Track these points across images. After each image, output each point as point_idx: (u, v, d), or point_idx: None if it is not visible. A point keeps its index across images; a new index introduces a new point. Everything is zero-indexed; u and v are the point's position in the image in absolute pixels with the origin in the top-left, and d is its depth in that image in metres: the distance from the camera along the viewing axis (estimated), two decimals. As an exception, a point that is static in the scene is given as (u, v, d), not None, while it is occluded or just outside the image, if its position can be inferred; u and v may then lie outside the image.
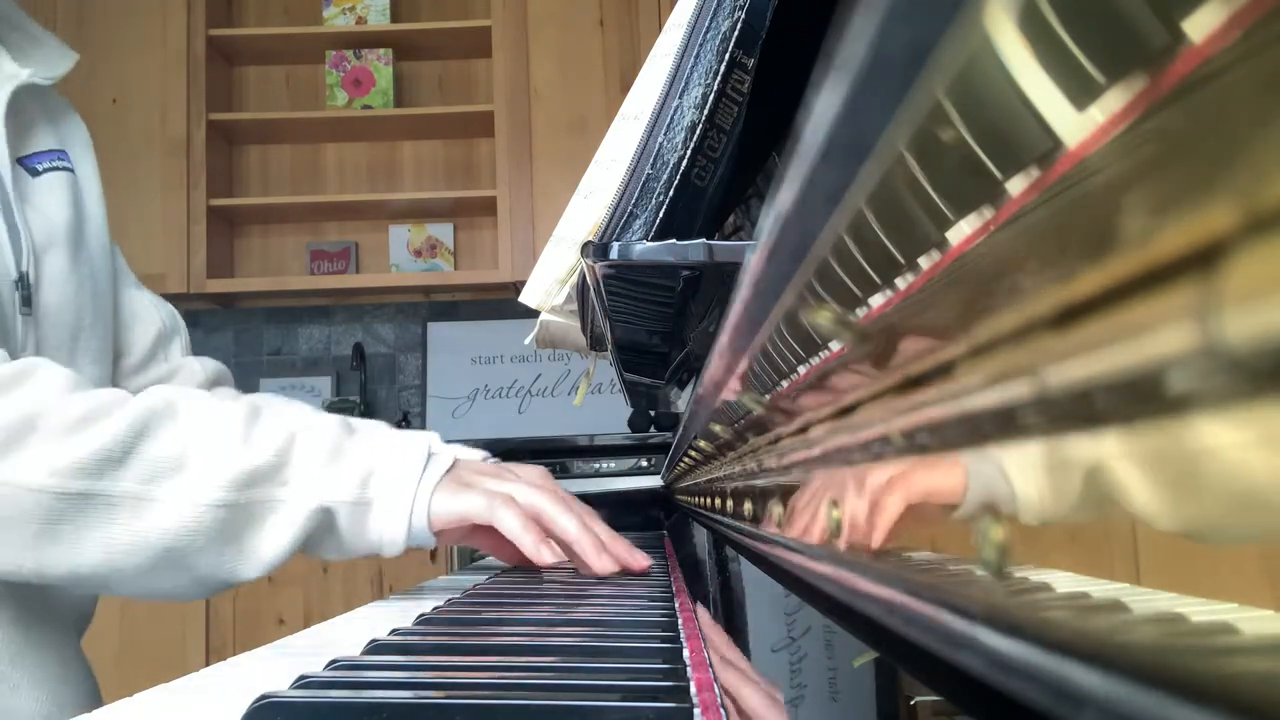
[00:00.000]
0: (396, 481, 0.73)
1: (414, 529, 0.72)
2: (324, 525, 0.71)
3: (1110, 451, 0.13)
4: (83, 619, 0.88)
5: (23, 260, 0.79)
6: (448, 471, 0.75)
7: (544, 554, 0.72)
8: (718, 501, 0.71)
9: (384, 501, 0.72)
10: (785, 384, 0.32)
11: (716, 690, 0.36)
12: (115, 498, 0.66)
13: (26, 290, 0.79)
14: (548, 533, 0.74)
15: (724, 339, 0.37)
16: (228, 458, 0.68)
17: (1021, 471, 0.16)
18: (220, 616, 2.43)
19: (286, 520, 0.70)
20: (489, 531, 0.75)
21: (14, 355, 0.76)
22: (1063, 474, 0.14)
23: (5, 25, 0.86)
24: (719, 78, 0.52)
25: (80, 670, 0.83)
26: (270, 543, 0.69)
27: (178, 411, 0.70)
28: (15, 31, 0.87)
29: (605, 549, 0.74)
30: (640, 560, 0.75)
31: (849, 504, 0.27)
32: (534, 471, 0.81)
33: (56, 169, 0.86)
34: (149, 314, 0.97)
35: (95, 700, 0.84)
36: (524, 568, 0.83)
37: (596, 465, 2.34)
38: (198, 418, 0.70)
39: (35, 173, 0.84)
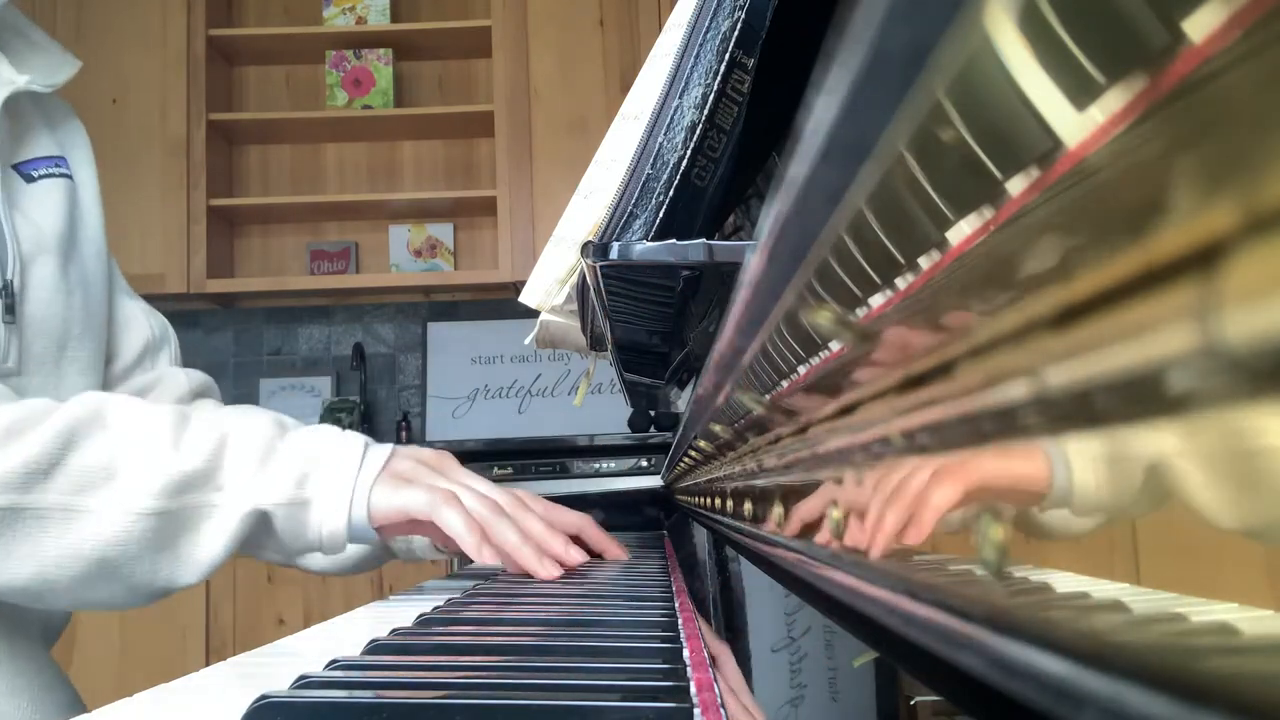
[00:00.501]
0: (334, 478, 0.72)
1: (354, 524, 0.72)
2: (260, 527, 0.71)
3: (1103, 450, 0.13)
4: (51, 631, 0.87)
5: (8, 268, 0.79)
6: (386, 463, 0.74)
7: (485, 554, 0.72)
8: (718, 501, 0.71)
9: (322, 499, 0.71)
10: (785, 384, 0.32)
11: (716, 690, 0.36)
12: (45, 510, 0.65)
13: (10, 299, 0.79)
14: (488, 540, 0.74)
15: (724, 339, 0.37)
16: (158, 465, 0.67)
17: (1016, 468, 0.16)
18: (220, 616, 2.43)
19: (221, 525, 0.69)
20: (428, 524, 0.74)
21: None
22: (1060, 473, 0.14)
23: (6, 31, 0.86)
24: (719, 78, 0.52)
25: (56, 678, 0.83)
26: (205, 548, 0.69)
27: (106, 419, 0.69)
28: (16, 37, 0.86)
29: (545, 553, 0.74)
30: (575, 556, 0.75)
31: (846, 506, 0.27)
32: (470, 472, 0.80)
33: (53, 175, 0.86)
34: (138, 322, 0.96)
35: (78, 706, 0.84)
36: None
37: (596, 465, 2.34)
38: (126, 425, 0.69)
39: (30, 179, 0.84)
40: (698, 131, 0.53)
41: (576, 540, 0.91)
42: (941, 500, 0.20)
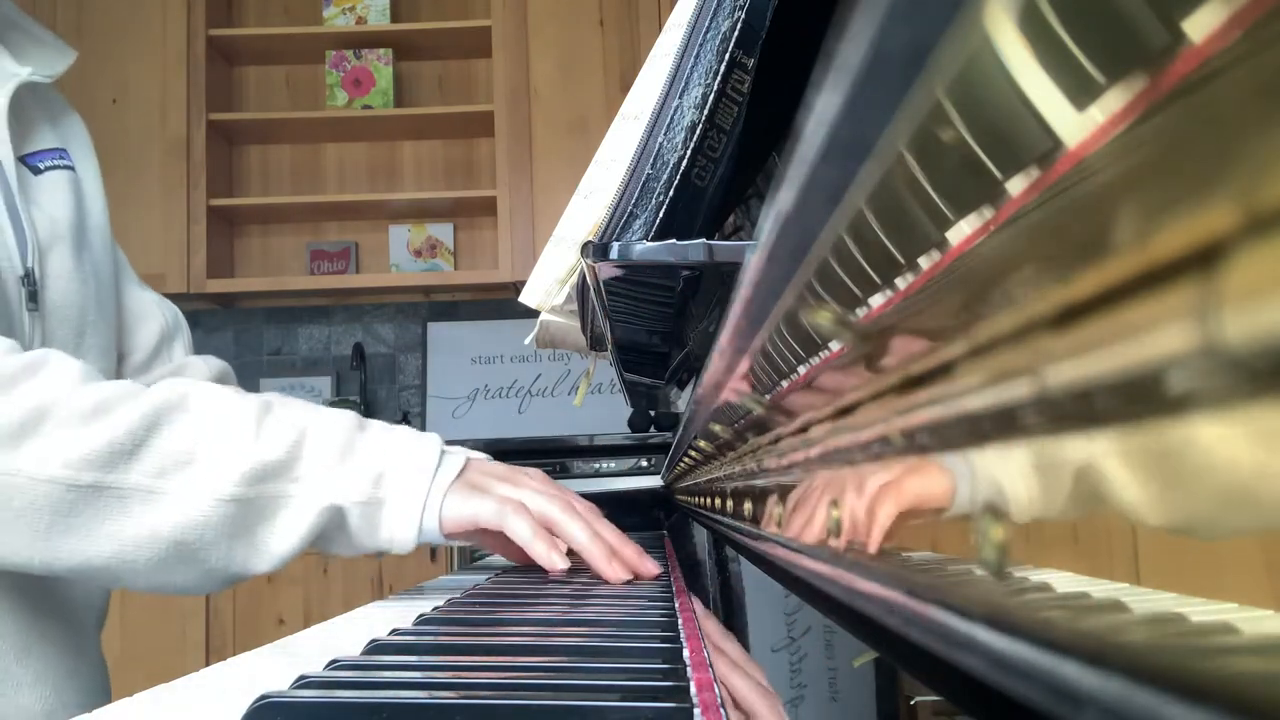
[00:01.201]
0: (410, 482, 0.73)
1: (425, 530, 0.73)
2: (334, 523, 0.71)
3: (1103, 449, 0.13)
4: (98, 614, 0.88)
5: (28, 257, 0.80)
6: (460, 473, 0.75)
7: (555, 561, 0.73)
8: (718, 501, 0.71)
9: (396, 502, 0.72)
10: (785, 384, 0.32)
11: (716, 690, 0.36)
12: (126, 490, 0.66)
13: (33, 287, 0.80)
14: (557, 547, 0.74)
15: (724, 339, 0.37)
16: (239, 452, 0.68)
17: (1013, 471, 0.16)
18: (220, 616, 2.43)
19: (297, 516, 0.70)
20: (496, 533, 0.75)
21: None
22: (1055, 473, 0.14)
23: (4, 24, 0.87)
24: (719, 78, 0.52)
25: (90, 665, 0.83)
26: (281, 538, 0.70)
27: (189, 405, 0.70)
28: (15, 31, 0.87)
29: (615, 556, 0.74)
30: (651, 567, 0.75)
31: (847, 506, 0.27)
32: (541, 476, 0.81)
33: (58, 167, 0.87)
34: (152, 312, 0.98)
35: (104, 696, 0.85)
36: (524, 568, 0.84)
37: (596, 465, 2.34)
38: (209, 411, 0.70)
39: (37, 171, 0.85)
40: (698, 131, 0.53)
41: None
42: (885, 512, 0.20)
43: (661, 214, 0.53)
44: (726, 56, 0.52)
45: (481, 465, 0.78)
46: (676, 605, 0.58)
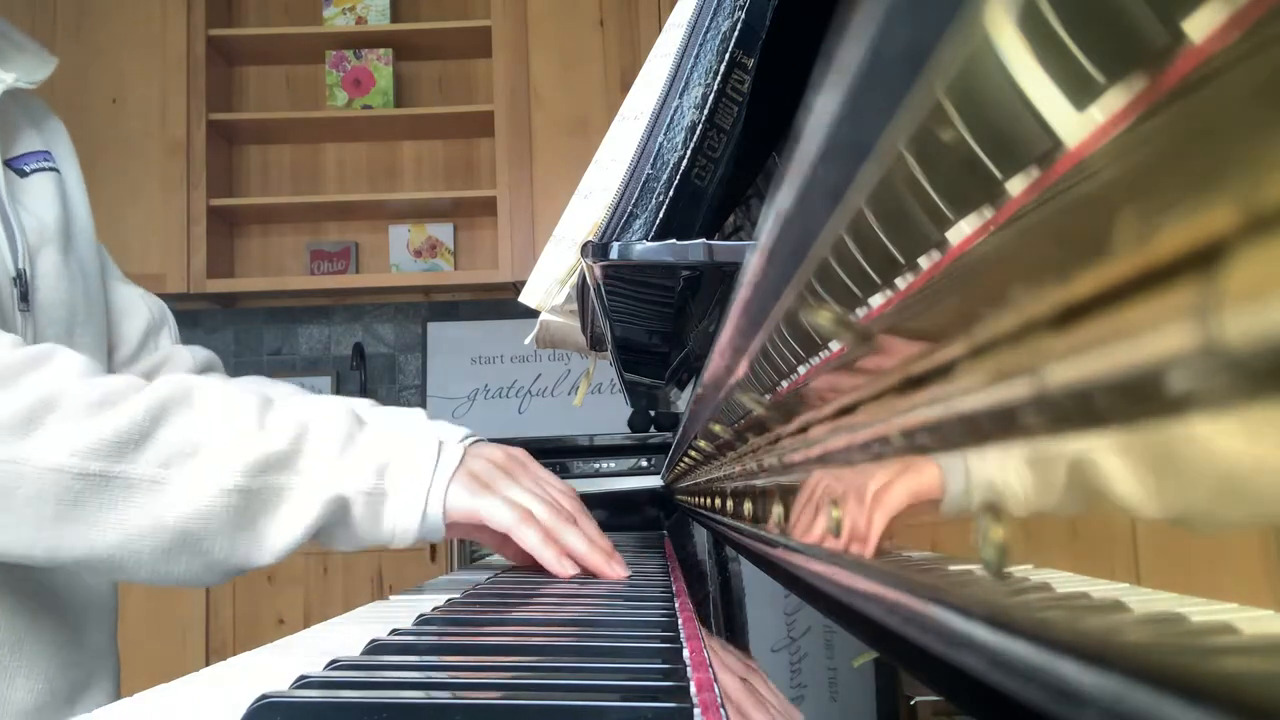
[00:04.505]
0: (412, 473, 0.74)
1: (428, 522, 0.73)
2: (338, 515, 0.72)
3: (1097, 447, 0.13)
4: (101, 609, 0.88)
5: (19, 258, 0.82)
6: (461, 461, 0.76)
7: (566, 567, 0.75)
8: (718, 501, 0.71)
9: (399, 493, 0.73)
10: (785, 384, 0.32)
11: (716, 690, 0.36)
12: (133, 480, 0.67)
13: (24, 287, 0.81)
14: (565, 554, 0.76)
15: (724, 339, 0.37)
16: (243, 443, 0.69)
17: (1012, 470, 0.16)
18: (220, 616, 2.43)
19: (300, 508, 0.70)
20: (497, 533, 0.76)
21: None
22: (1052, 470, 0.14)
23: None
24: (719, 78, 0.52)
25: (91, 658, 0.84)
26: (283, 530, 0.70)
27: (193, 398, 0.71)
28: None
29: (612, 557, 0.76)
30: (618, 570, 0.77)
31: (847, 505, 0.27)
32: (525, 458, 0.82)
33: (43, 170, 0.89)
34: (137, 307, 1.00)
35: (109, 688, 0.86)
36: (523, 568, 0.84)
37: (596, 465, 2.34)
38: (213, 404, 0.71)
39: (24, 173, 0.87)
40: (698, 131, 0.53)
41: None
42: (880, 514, 0.20)
43: (661, 214, 0.53)
44: (726, 56, 0.52)
45: (480, 451, 0.80)
46: (676, 605, 0.58)
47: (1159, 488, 0.12)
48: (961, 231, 0.16)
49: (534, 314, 0.72)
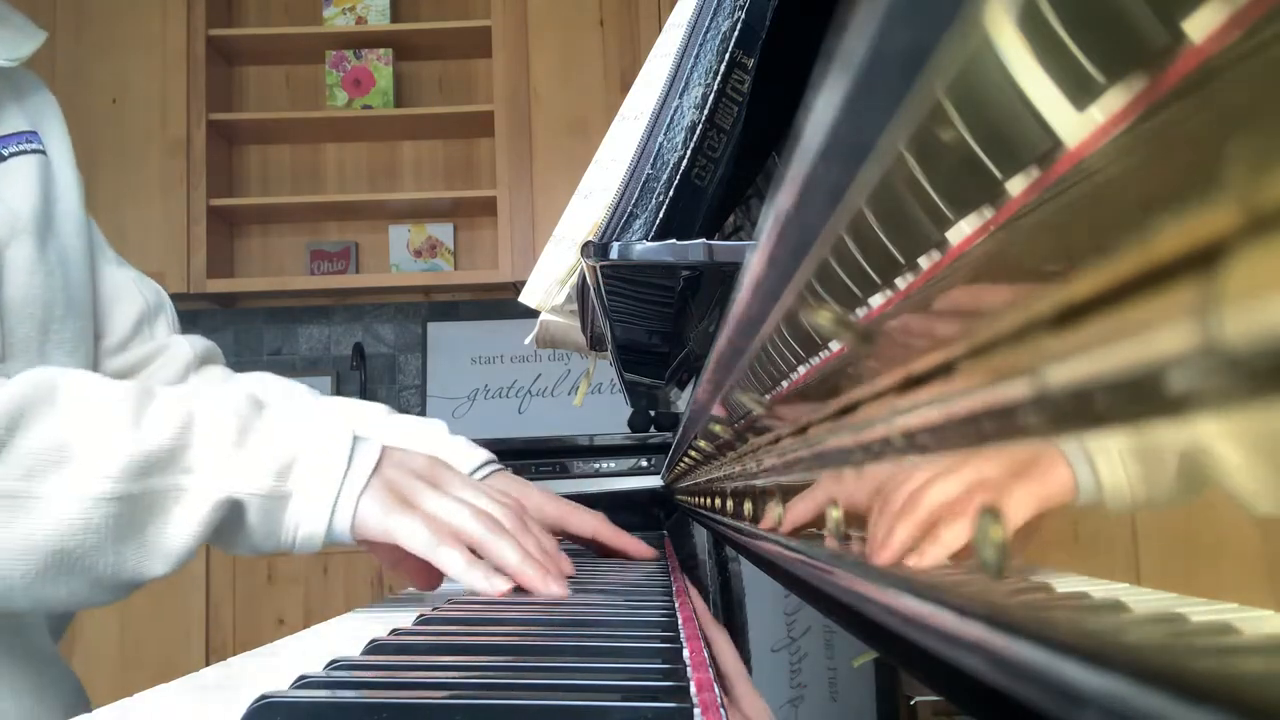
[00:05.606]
0: (318, 476, 0.65)
1: (334, 533, 0.65)
2: (233, 518, 0.64)
3: (1097, 447, 0.13)
4: (58, 621, 0.83)
5: None
6: (376, 467, 0.67)
7: (496, 585, 0.65)
8: (718, 501, 0.71)
9: (302, 496, 0.65)
10: (785, 384, 0.32)
11: (716, 690, 0.36)
12: None
13: None
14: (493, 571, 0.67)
15: (724, 339, 0.37)
16: (116, 445, 0.60)
17: (1011, 468, 0.16)
18: (220, 616, 2.43)
19: (192, 510, 0.62)
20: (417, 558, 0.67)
21: None
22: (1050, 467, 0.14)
23: None
24: (719, 78, 0.52)
25: (61, 673, 0.80)
26: (176, 536, 0.62)
27: (57, 397, 0.62)
28: None
29: (549, 570, 0.67)
30: (565, 566, 0.70)
31: (847, 505, 0.27)
32: (465, 482, 0.72)
33: (25, 152, 0.82)
34: (130, 292, 0.93)
35: (83, 702, 0.81)
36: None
37: (596, 465, 2.34)
38: (81, 402, 0.62)
39: (1, 158, 0.80)
40: (698, 131, 0.53)
41: (593, 542, 0.90)
42: (952, 516, 0.19)
43: (661, 214, 0.53)
44: (726, 56, 0.52)
45: (401, 458, 0.70)
46: (676, 605, 0.58)
47: (1158, 483, 0.12)
48: (961, 231, 0.16)
49: (534, 314, 0.72)
